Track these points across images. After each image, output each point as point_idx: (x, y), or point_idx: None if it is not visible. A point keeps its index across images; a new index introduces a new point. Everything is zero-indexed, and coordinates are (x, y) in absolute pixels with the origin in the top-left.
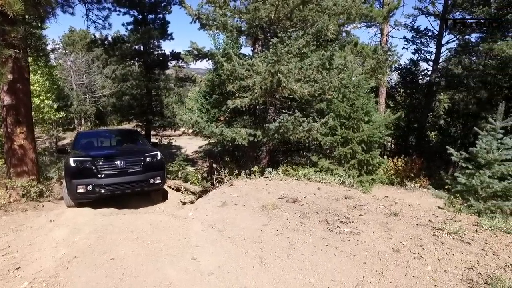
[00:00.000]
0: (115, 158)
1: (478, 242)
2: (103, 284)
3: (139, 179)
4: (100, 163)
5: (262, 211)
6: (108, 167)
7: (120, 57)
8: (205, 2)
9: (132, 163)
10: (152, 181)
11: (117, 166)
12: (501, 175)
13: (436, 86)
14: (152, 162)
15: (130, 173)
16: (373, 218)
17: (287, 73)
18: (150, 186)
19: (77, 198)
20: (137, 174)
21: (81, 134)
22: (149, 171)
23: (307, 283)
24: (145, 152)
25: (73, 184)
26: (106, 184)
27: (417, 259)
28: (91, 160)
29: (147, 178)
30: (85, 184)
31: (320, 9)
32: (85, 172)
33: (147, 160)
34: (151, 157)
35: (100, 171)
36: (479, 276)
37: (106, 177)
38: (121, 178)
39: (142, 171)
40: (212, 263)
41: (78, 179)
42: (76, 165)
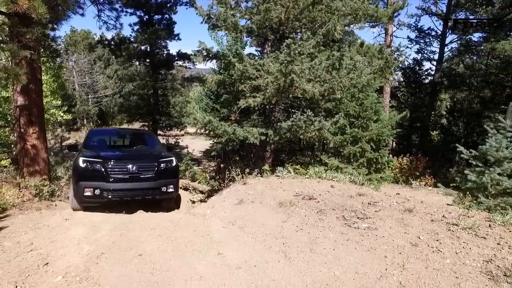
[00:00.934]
0: (127, 161)
1: (493, 236)
2: (136, 278)
3: (151, 186)
4: (111, 166)
5: (280, 208)
6: (119, 171)
7: (127, 57)
8: (216, 3)
9: (145, 169)
10: (164, 189)
11: (129, 170)
12: (510, 173)
13: (440, 86)
14: (166, 169)
15: (142, 179)
16: (389, 214)
17: (300, 73)
18: (162, 194)
19: (83, 202)
20: (150, 181)
21: (93, 131)
22: (162, 178)
23: (332, 276)
24: (159, 157)
25: (80, 187)
26: (115, 189)
27: (435, 252)
28: (101, 162)
29: (159, 185)
30: (92, 188)
31: (329, 10)
32: (94, 174)
33: (161, 166)
34: (166, 163)
35: (110, 174)
36: (498, 269)
37: (116, 181)
38: (132, 184)
39: (155, 177)
40: (238, 258)
41: (86, 181)
42: (85, 166)
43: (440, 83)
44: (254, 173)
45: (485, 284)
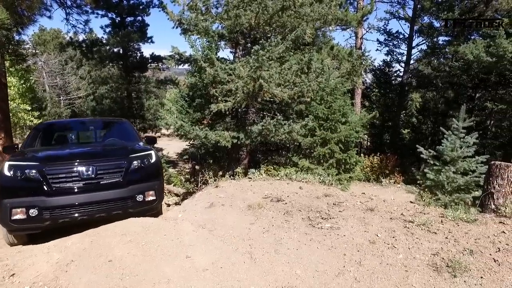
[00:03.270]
0: (79, 161)
1: (442, 231)
2: (104, 284)
3: (118, 196)
4: (52, 171)
5: (249, 211)
6: (65, 177)
7: (99, 59)
8: (186, 9)
9: (107, 170)
10: (141, 198)
11: (81, 175)
12: (464, 171)
13: (408, 86)
14: (142, 168)
15: (103, 187)
16: (351, 213)
17: (268, 78)
18: (138, 205)
19: (12, 229)
20: (116, 188)
21: (40, 126)
22: (135, 181)
23: (293, 274)
24: (131, 151)
25: (5, 207)
26: (61, 206)
27: (390, 249)
28: (37, 166)
29: (132, 193)
30: (25, 207)
31: (299, 15)
32: (26, 186)
33: (134, 164)
34: (141, 159)
35: (52, 183)
36: (442, 261)
37: (62, 193)
38: (88, 195)
39: (124, 182)
40: (206, 260)
41: (14, 197)
42: (12, 175)
43: (408, 84)
44: (227, 175)
45: (430, 275)
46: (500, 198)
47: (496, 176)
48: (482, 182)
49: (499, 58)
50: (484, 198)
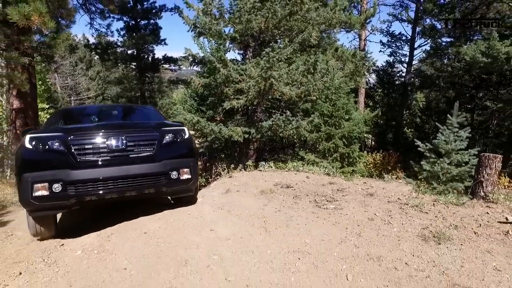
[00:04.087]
0: (106, 132)
1: (433, 212)
2: (144, 249)
3: (150, 171)
4: (78, 141)
5: (261, 195)
6: (92, 149)
7: (114, 61)
8: (201, 14)
9: (138, 142)
10: (175, 175)
11: (109, 146)
12: (457, 162)
13: (411, 86)
14: (175, 142)
15: (133, 160)
16: (353, 197)
17: (278, 77)
18: (172, 184)
19: (34, 209)
20: (147, 162)
21: (61, 110)
22: (169, 156)
23: (303, 242)
24: (163, 125)
25: (26, 182)
26: (87, 180)
27: (386, 224)
28: (60, 136)
29: (165, 169)
30: (47, 181)
31: (305, 19)
32: (49, 158)
33: (167, 137)
34: (173, 133)
35: (78, 155)
36: (430, 233)
37: (87, 166)
38: (116, 168)
39: (156, 156)
40: (227, 232)
41: (35, 171)
42: (33, 147)
43: (411, 84)
44: (239, 168)
45: (418, 243)
46: (489, 186)
47: (486, 166)
48: (474, 172)
49: (493, 59)
50: (474, 186)
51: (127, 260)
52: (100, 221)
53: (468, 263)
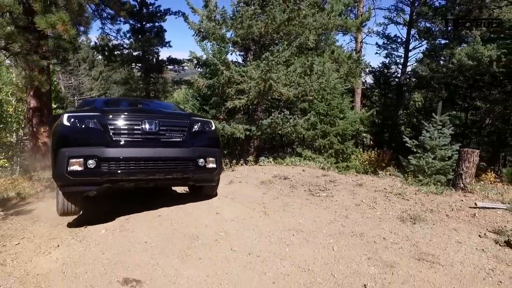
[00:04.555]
0: (141, 115)
1: (414, 199)
2: (160, 228)
3: (180, 155)
4: (114, 122)
5: (261, 185)
6: (126, 129)
7: (121, 62)
8: (206, 20)
9: (169, 127)
10: (202, 162)
11: (143, 128)
12: (441, 157)
13: (406, 87)
14: (203, 131)
15: (164, 143)
16: (344, 187)
17: (277, 79)
18: (198, 171)
19: (67, 183)
20: (178, 146)
21: (87, 100)
22: (197, 144)
23: (297, 223)
24: (192, 115)
25: (63, 156)
26: (121, 158)
27: (371, 208)
28: (98, 116)
29: (194, 154)
30: (83, 157)
31: (302, 24)
32: (86, 135)
33: (195, 126)
34: (201, 123)
35: (114, 134)
36: (408, 215)
37: (122, 146)
38: (149, 149)
39: (186, 141)
40: (231, 215)
41: (72, 147)
42: (71, 124)
43: (405, 85)
44: (240, 163)
45: (396, 223)
46: (467, 178)
47: (465, 160)
48: (455, 166)
49: (478, 61)
50: (455, 178)
51: (146, 236)
52: (116, 211)
53: (436, 238)
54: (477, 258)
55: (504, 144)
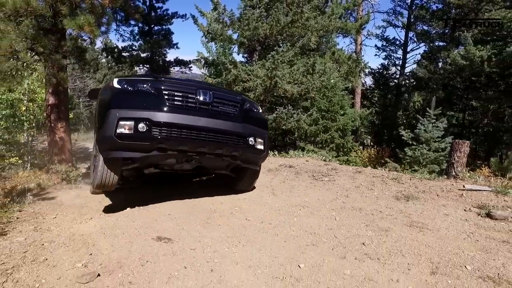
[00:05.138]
0: (195, 85)
1: (408, 183)
2: (181, 205)
3: (232, 129)
4: (168, 87)
5: (269, 172)
6: (181, 96)
7: (130, 63)
8: (214, 22)
9: (223, 100)
10: (252, 141)
11: (197, 98)
12: (435, 149)
13: (404, 88)
14: (253, 111)
15: (218, 115)
16: (344, 174)
17: (281, 77)
18: (248, 149)
19: (114, 147)
20: (231, 120)
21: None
22: (249, 122)
23: (302, 201)
24: (242, 94)
25: (113, 117)
26: (173, 124)
27: (369, 190)
28: (151, 81)
29: (245, 131)
30: (134, 119)
31: (305, 26)
32: (138, 98)
33: (247, 105)
34: (251, 103)
35: (167, 99)
36: (402, 194)
37: (176, 112)
38: (202, 119)
39: (238, 116)
40: (244, 196)
41: (123, 108)
42: (122, 87)
43: (404, 85)
44: None
45: (391, 201)
46: (459, 167)
47: (456, 150)
48: (448, 156)
49: (470, 62)
50: (448, 167)
51: (169, 211)
52: (138, 197)
53: (426, 211)
54: (460, 225)
55: (499, 141)
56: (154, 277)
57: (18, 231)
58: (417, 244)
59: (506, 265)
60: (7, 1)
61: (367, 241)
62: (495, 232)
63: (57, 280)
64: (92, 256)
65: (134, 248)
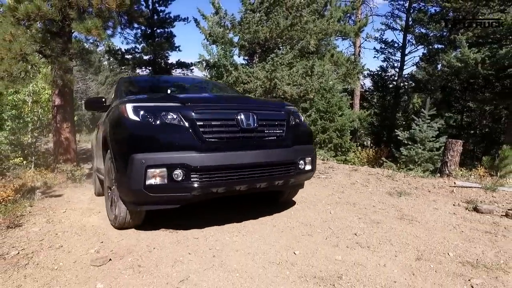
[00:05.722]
0: (232, 105)
1: (402, 180)
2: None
3: (284, 158)
4: (203, 115)
5: None
6: (221, 126)
7: (133, 65)
8: (216, 25)
9: (268, 120)
10: (302, 164)
11: (240, 123)
12: (429, 148)
13: (403, 89)
14: (299, 124)
15: (266, 142)
16: (341, 172)
17: (281, 78)
18: (298, 176)
19: (143, 201)
20: (280, 146)
21: (128, 78)
22: (297, 140)
23: (300, 196)
24: (283, 102)
25: (139, 165)
26: (220, 166)
27: (364, 186)
28: (179, 108)
29: (296, 156)
30: (166, 166)
31: (304, 30)
32: (167, 135)
33: (291, 117)
34: (295, 114)
35: (203, 133)
36: (395, 191)
37: (217, 149)
38: (251, 155)
39: (288, 139)
40: None
41: (149, 152)
42: (141, 119)
43: (402, 87)
44: None
45: (385, 196)
46: (452, 165)
47: (449, 149)
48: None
49: (465, 64)
50: (441, 166)
51: None
52: None
53: (417, 206)
54: (448, 218)
55: (495, 142)
56: (161, 261)
57: (32, 223)
58: (405, 235)
59: (485, 252)
60: (19, 6)
61: (359, 232)
62: (480, 224)
63: (73, 263)
64: (103, 243)
65: (142, 237)
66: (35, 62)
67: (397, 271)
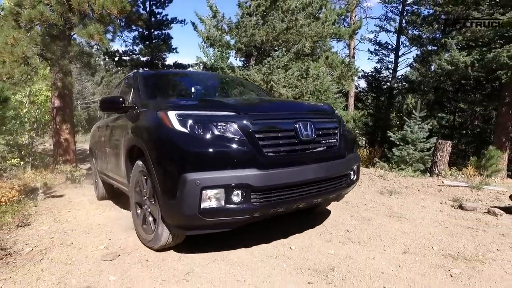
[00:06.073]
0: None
1: (393, 180)
2: None
3: (340, 170)
4: (263, 127)
5: None
6: (280, 138)
7: (130, 67)
8: (213, 28)
9: (325, 130)
10: (352, 175)
11: (299, 134)
12: (420, 149)
13: (397, 90)
14: (347, 133)
15: (324, 154)
16: None
17: (277, 81)
18: (349, 186)
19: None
20: (336, 158)
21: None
22: (348, 149)
23: None
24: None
25: (192, 187)
26: (283, 185)
27: (356, 186)
28: (234, 117)
29: (349, 166)
30: (224, 187)
31: (299, 33)
32: (222, 149)
33: (342, 127)
34: (341, 119)
35: (263, 147)
36: (386, 190)
37: (279, 164)
38: (312, 170)
39: (341, 148)
40: None
41: (201, 170)
42: (190, 131)
43: (395, 88)
44: None
45: (376, 195)
46: (442, 165)
47: (439, 150)
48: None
49: (455, 67)
50: (431, 166)
51: None
52: None
53: (406, 204)
54: (434, 215)
55: (485, 142)
56: (167, 256)
57: (40, 222)
58: (394, 231)
59: (466, 246)
60: (23, 11)
61: (350, 228)
62: (464, 220)
63: (85, 259)
64: (111, 240)
65: None
66: (36, 65)
67: (385, 263)
